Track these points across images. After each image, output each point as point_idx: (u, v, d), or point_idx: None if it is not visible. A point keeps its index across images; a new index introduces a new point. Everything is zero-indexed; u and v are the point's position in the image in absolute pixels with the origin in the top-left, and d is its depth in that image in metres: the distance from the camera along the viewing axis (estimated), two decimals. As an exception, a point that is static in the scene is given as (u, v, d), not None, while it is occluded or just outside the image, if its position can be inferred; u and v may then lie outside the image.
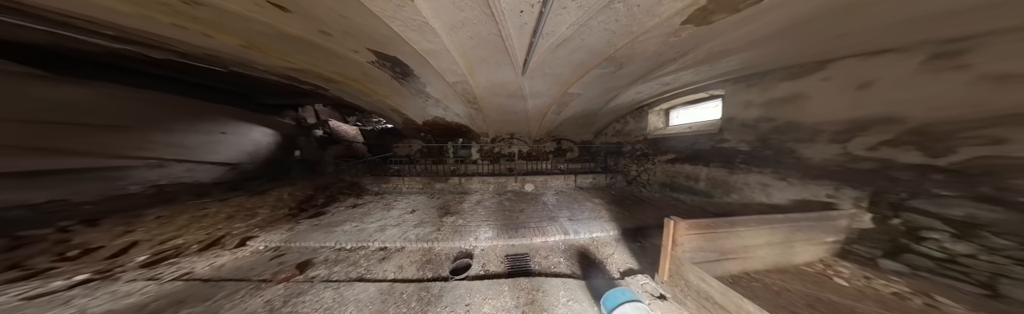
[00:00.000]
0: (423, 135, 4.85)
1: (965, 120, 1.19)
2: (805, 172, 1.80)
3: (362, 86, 3.03)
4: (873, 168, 1.49)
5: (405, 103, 3.64)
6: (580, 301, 1.23)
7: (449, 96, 3.27)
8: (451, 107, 3.64)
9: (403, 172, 3.98)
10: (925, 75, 1.31)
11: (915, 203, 1.31)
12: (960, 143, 1.22)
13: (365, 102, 3.77)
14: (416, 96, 3.36)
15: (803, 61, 1.81)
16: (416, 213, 2.63)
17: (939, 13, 1.08)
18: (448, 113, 4.08)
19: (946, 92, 1.23)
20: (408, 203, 3.02)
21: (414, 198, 3.28)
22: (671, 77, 2.51)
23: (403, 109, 3.82)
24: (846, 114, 1.62)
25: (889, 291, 1.22)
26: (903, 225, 1.34)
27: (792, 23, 1.36)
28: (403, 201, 3.12)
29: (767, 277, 1.36)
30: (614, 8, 1.33)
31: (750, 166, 2.15)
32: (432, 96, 3.44)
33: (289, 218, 2.46)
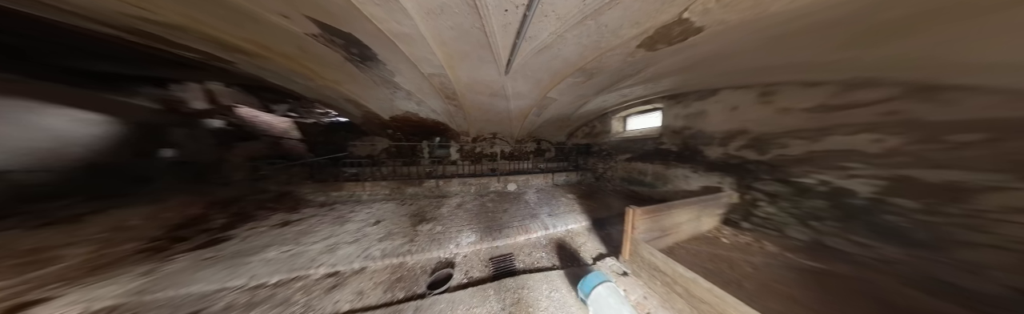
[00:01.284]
0: (391, 132, 4.04)
1: (773, 133, 2.25)
2: (707, 166, 2.63)
3: (298, 65, 2.26)
4: (738, 162, 2.44)
5: (366, 93, 2.98)
6: (560, 290, 1.31)
7: (424, 89, 2.86)
8: (427, 102, 3.21)
9: (363, 176, 3.26)
10: (758, 105, 2.38)
11: (755, 184, 2.27)
12: (771, 146, 2.23)
13: (304, 87, 2.84)
14: (381, 86, 2.79)
15: (706, 88, 2.71)
16: (382, 224, 2.22)
17: (761, 68, 1.99)
18: (422, 108, 3.52)
19: (765, 116, 2.29)
20: (371, 213, 2.51)
21: (379, 206, 2.72)
22: (628, 90, 3.01)
23: (362, 100, 3.11)
24: (726, 127, 2.60)
25: (745, 241, 1.95)
26: (750, 198, 2.19)
27: (697, 60, 2.07)
28: (363, 211, 2.56)
29: (688, 244, 1.90)
30: (587, 24, 1.50)
31: (678, 163, 2.90)
32: (402, 87, 2.89)
33: (147, 256, 1.55)
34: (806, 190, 1.92)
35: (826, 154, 1.83)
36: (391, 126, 3.94)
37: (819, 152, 1.87)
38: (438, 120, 3.89)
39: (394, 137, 4.17)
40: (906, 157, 1.49)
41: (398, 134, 4.14)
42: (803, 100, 1.96)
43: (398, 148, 4.27)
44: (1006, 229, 1.21)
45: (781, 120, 2.12)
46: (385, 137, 4.24)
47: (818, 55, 1.60)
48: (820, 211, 1.82)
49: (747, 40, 1.61)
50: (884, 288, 1.34)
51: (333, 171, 3.30)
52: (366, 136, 4.40)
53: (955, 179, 1.34)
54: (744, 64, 1.97)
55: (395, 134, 4.14)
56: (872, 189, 1.61)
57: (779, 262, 1.67)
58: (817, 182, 1.86)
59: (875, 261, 1.53)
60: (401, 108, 3.55)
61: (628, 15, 1.39)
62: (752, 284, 1.41)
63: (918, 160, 1.45)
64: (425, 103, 3.39)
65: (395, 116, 3.71)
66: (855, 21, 1.21)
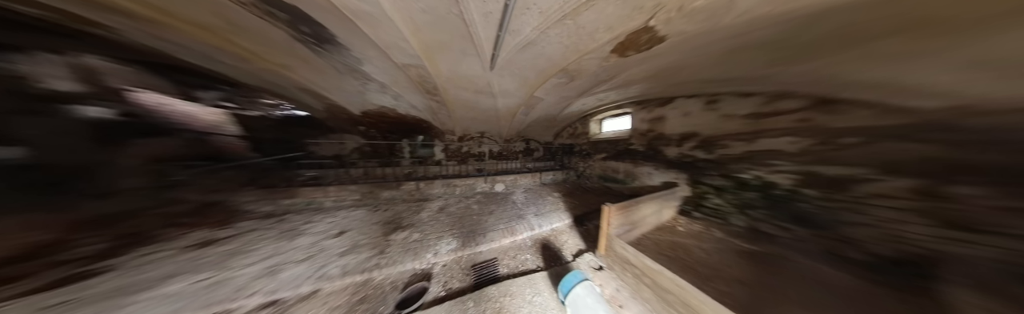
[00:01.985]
0: (363, 129, 3.49)
1: (717, 135, 2.53)
2: (666, 164, 2.91)
3: (224, 41, 1.71)
4: (690, 161, 2.79)
5: (328, 83, 2.50)
6: (542, 293, 1.24)
7: (400, 82, 2.57)
8: (405, 96, 2.92)
9: (328, 179, 2.70)
10: (705, 111, 2.65)
11: (703, 179, 2.55)
12: (716, 147, 2.52)
13: (240, 71, 2.21)
14: (348, 75, 2.38)
15: (664, 96, 3.05)
16: (346, 235, 1.86)
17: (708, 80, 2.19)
18: (401, 103, 3.10)
19: (711, 121, 2.56)
20: (333, 223, 2.09)
21: (346, 214, 2.28)
22: (603, 94, 3.08)
23: (324, 91, 2.63)
24: (680, 130, 2.95)
25: (697, 229, 2.16)
26: (700, 191, 2.47)
27: (659, 70, 2.20)
28: (324, 221, 2.11)
29: (652, 235, 2.00)
30: (566, 24, 1.45)
31: (643, 161, 3.16)
32: (374, 79, 2.48)
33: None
34: (743, 184, 2.24)
35: (758, 153, 2.13)
36: (364, 122, 3.39)
37: (753, 152, 2.19)
38: (420, 117, 3.48)
39: (368, 135, 3.60)
40: (812, 156, 1.81)
41: (373, 132, 3.58)
42: (740, 108, 2.28)
43: (373, 147, 3.71)
44: (872, 211, 1.54)
45: (723, 125, 2.42)
46: (357, 135, 3.63)
47: (751, 70, 1.82)
48: (754, 201, 2.14)
49: (699, 54, 1.74)
50: (799, 263, 1.60)
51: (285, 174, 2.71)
52: (333, 133, 3.73)
53: (842, 173, 1.67)
54: (695, 76, 2.16)
55: (369, 131, 3.58)
56: (790, 182, 1.92)
57: (725, 247, 1.86)
58: (752, 177, 2.17)
59: (793, 241, 1.80)
60: (375, 102, 3.06)
61: (602, 18, 1.38)
62: (705, 269, 1.53)
63: (820, 158, 1.77)
64: (403, 98, 2.98)
65: (368, 111, 3.19)
66: (780, 42, 1.38)
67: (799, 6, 1.03)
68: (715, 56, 1.72)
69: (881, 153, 1.53)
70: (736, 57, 1.69)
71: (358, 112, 3.16)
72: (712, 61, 1.82)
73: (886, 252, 1.48)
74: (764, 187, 2.09)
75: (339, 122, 3.46)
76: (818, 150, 1.79)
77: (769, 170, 2.06)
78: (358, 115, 3.20)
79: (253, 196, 2.22)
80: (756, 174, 2.14)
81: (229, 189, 2.21)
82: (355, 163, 3.36)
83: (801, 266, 1.57)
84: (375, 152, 3.69)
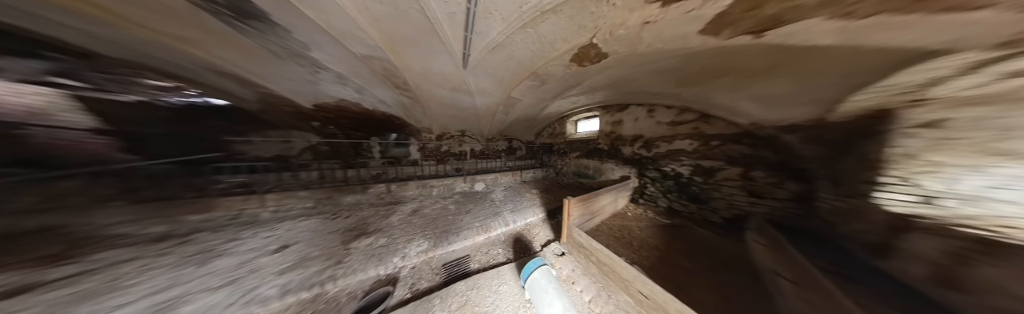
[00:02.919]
0: (318, 125, 3.18)
1: (654, 137, 3.55)
2: (623, 161, 3.92)
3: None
4: (638, 158, 3.79)
5: (263, 68, 2.27)
6: (508, 282, 1.45)
7: (362, 74, 2.46)
8: (371, 90, 2.80)
9: (264, 186, 2.41)
10: (647, 118, 3.63)
11: (645, 172, 3.57)
12: (653, 147, 3.54)
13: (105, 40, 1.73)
14: (291, 61, 2.20)
15: (622, 102, 3.92)
16: (291, 250, 1.73)
17: (648, 92, 3.09)
18: (366, 97, 2.95)
19: (651, 126, 3.55)
20: (271, 237, 1.89)
21: (290, 226, 2.10)
22: (575, 98, 3.75)
23: (257, 78, 2.37)
24: (632, 132, 3.91)
25: (639, 213, 3.07)
26: (643, 182, 3.52)
27: (615, 80, 2.90)
28: (258, 237, 1.88)
29: (609, 221, 2.75)
30: (528, 32, 1.76)
31: (608, 159, 4.12)
32: (329, 68, 2.34)
33: None
34: (665, 175, 3.31)
35: (673, 151, 3.25)
36: (318, 117, 3.06)
37: (671, 150, 3.28)
38: (390, 113, 3.33)
39: (324, 132, 3.27)
40: (699, 153, 2.96)
41: (331, 128, 3.27)
42: (665, 117, 3.32)
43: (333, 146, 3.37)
44: (723, 189, 2.70)
45: (657, 129, 3.45)
46: (310, 132, 3.26)
47: (669, 89, 2.72)
48: (671, 187, 3.23)
49: (639, 71, 2.48)
50: (691, 230, 2.57)
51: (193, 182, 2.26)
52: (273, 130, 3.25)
53: (712, 165, 2.82)
54: (641, 88, 2.98)
55: (326, 128, 3.25)
56: (688, 172, 3.06)
57: (652, 224, 2.74)
58: (670, 169, 3.27)
59: (689, 214, 2.96)
60: (332, 95, 2.83)
61: (558, 31, 1.73)
62: (637, 242, 2.26)
63: (702, 155, 2.94)
64: (368, 91, 2.85)
65: (323, 104, 2.91)
66: (679, 70, 2.22)
67: (676, 48, 1.72)
68: (648, 74, 2.50)
69: (727, 151, 2.69)
70: (659, 77, 2.51)
71: (309, 105, 2.86)
72: (647, 78, 2.60)
73: (727, 215, 2.66)
74: (676, 176, 3.17)
75: (282, 116, 3.03)
76: (701, 149, 2.94)
77: (678, 164, 3.16)
78: (310, 109, 2.90)
79: (128, 214, 1.73)
80: (672, 167, 3.22)
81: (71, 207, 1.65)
82: (307, 165, 3.02)
83: (690, 231, 2.54)
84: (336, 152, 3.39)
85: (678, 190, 3.07)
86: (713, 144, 2.77)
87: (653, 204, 3.28)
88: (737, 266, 1.73)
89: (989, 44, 0.82)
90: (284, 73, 2.34)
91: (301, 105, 2.79)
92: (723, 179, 2.69)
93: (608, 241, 2.15)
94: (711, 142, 2.79)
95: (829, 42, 1.13)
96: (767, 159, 2.36)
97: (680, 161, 3.10)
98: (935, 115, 1.26)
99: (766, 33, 1.20)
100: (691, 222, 2.72)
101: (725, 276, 1.61)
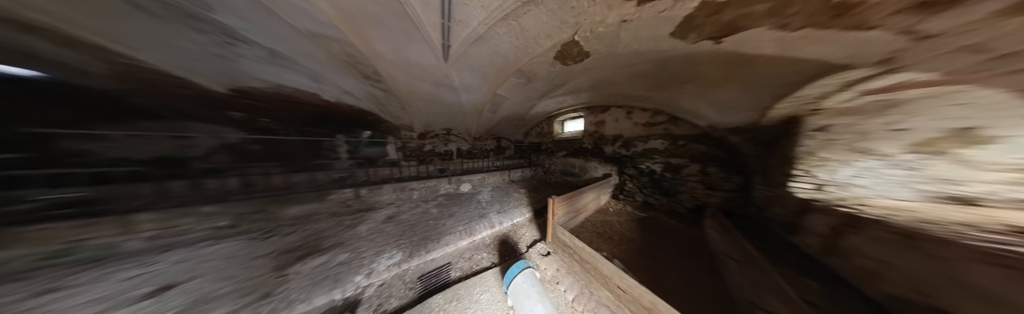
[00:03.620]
0: (241, 117, 2.52)
1: (632, 137, 4.00)
2: (605, 159, 4.37)
3: None
4: (618, 156, 4.21)
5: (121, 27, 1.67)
6: (491, 289, 1.43)
7: (317, 58, 2.14)
8: (332, 79, 2.43)
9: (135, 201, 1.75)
10: (626, 119, 4.08)
11: (625, 170, 4.02)
12: (632, 146, 3.98)
13: None
14: (176, 22, 1.71)
15: (604, 104, 4.27)
16: (176, 291, 1.28)
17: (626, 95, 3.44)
18: (326, 87, 2.52)
19: (629, 126, 3.97)
20: (146, 277, 1.37)
21: (184, 256, 1.57)
22: (561, 98, 4.01)
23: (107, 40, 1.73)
24: (613, 132, 4.31)
25: (619, 208, 3.49)
26: (623, 179, 3.98)
27: (597, 82, 3.14)
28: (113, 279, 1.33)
29: (593, 217, 3.04)
30: (511, 24, 1.77)
31: (592, 157, 4.56)
32: (255, 42, 1.90)
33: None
34: (642, 172, 3.76)
35: (648, 150, 3.71)
36: (239, 106, 2.42)
37: (646, 149, 3.73)
38: (360, 107, 2.97)
39: (254, 126, 2.62)
40: (669, 152, 3.47)
41: (266, 121, 2.66)
42: (642, 118, 3.74)
43: (270, 145, 2.69)
44: (688, 184, 3.24)
45: (635, 129, 3.87)
46: (228, 125, 2.53)
47: (644, 92, 3.08)
48: (646, 183, 3.69)
49: (618, 74, 2.71)
50: (663, 222, 2.98)
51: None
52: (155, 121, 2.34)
53: (678, 162, 3.35)
54: (620, 90, 3.29)
55: (255, 121, 2.62)
56: (660, 168, 3.57)
57: (631, 218, 3.08)
58: (645, 167, 3.72)
59: (661, 207, 3.44)
60: (266, 78, 2.29)
61: (540, 25, 1.77)
62: (617, 236, 2.51)
63: (672, 153, 3.44)
64: (329, 80, 2.44)
65: (247, 90, 2.31)
66: (653, 75, 2.52)
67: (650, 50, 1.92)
68: (627, 78, 2.76)
69: (690, 150, 3.21)
70: (636, 81, 2.80)
71: (222, 89, 2.23)
72: (626, 81, 2.87)
73: (690, 206, 3.18)
74: (650, 173, 3.64)
75: (172, 101, 2.24)
76: (671, 148, 3.43)
77: (652, 162, 3.63)
78: (223, 94, 2.25)
79: None
80: (648, 165, 3.68)
81: None
82: (221, 170, 2.36)
83: (662, 222, 2.95)
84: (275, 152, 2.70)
85: (652, 185, 3.54)
86: (680, 143, 3.28)
87: (631, 199, 3.71)
88: (698, 251, 2.07)
89: (872, 61, 1.16)
90: (164, 38, 1.77)
91: (206, 88, 2.16)
92: (687, 175, 3.21)
93: (591, 237, 2.32)
94: (678, 142, 3.29)
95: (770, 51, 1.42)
96: (719, 157, 2.92)
97: (653, 159, 3.57)
98: (824, 121, 1.76)
99: (724, 39, 1.46)
100: (663, 214, 3.15)
101: (689, 261, 1.91)
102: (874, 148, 1.50)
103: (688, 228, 2.65)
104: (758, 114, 2.16)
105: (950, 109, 1.25)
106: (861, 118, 1.55)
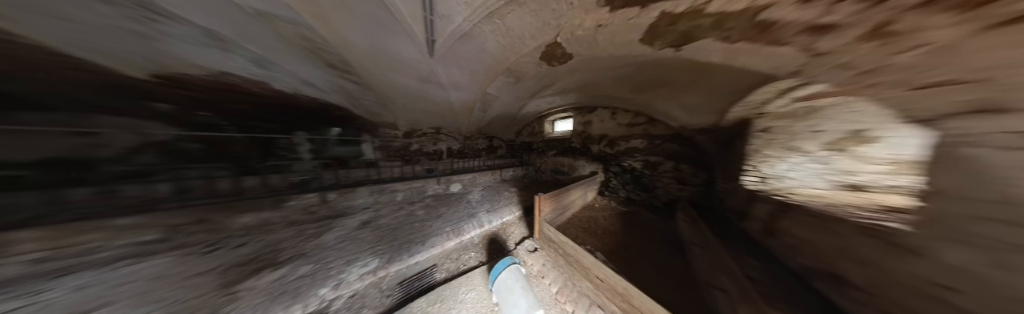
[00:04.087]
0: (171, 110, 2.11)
1: (616, 137, 4.37)
2: (592, 158, 4.70)
3: None
4: (604, 155, 4.57)
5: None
6: (477, 288, 1.46)
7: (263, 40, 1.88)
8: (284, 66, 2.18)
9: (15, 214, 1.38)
10: (611, 119, 4.40)
11: (610, 168, 4.39)
12: (616, 145, 4.34)
13: None
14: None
15: (590, 105, 4.58)
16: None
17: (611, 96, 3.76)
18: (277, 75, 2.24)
19: (614, 126, 4.35)
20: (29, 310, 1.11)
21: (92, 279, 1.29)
22: (550, 98, 4.26)
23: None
24: (599, 132, 4.65)
25: (604, 204, 3.78)
26: (608, 177, 4.30)
27: (584, 83, 3.38)
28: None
29: (579, 214, 3.27)
30: (495, 23, 1.83)
31: (580, 156, 4.92)
32: (184, 19, 1.59)
33: None
34: (625, 169, 4.10)
35: (630, 149, 4.06)
36: (168, 97, 2.06)
37: (628, 148, 4.08)
38: (326, 101, 2.70)
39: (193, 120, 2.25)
40: (647, 150, 3.86)
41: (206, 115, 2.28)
42: (625, 119, 4.09)
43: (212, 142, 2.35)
44: (663, 179, 3.66)
45: (619, 129, 4.21)
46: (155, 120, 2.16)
47: (625, 94, 3.37)
48: (628, 180, 4.03)
49: (601, 76, 2.93)
50: (642, 215, 3.30)
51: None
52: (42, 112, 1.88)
53: (656, 160, 3.76)
54: (605, 92, 3.57)
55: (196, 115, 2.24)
56: (640, 166, 3.94)
57: (614, 213, 3.36)
58: (628, 165, 4.07)
59: (641, 202, 3.79)
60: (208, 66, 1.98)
61: (524, 25, 1.86)
62: (601, 230, 2.74)
63: (650, 152, 3.83)
64: (280, 67, 2.19)
65: (183, 77, 1.97)
66: (632, 79, 2.79)
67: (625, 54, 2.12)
68: (610, 80, 3.00)
69: (665, 149, 3.60)
70: (618, 84, 3.06)
71: (143, 75, 1.85)
72: (609, 84, 3.12)
73: (665, 200, 3.60)
74: (632, 170, 4.00)
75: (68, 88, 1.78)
76: (649, 147, 3.81)
77: (634, 160, 4.00)
78: (146, 81, 1.88)
79: None
80: (630, 162, 4.04)
81: None
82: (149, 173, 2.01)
83: (641, 216, 3.26)
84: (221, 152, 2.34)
85: (633, 182, 3.90)
86: (657, 143, 3.66)
87: (616, 195, 4.04)
88: (671, 241, 2.35)
89: (787, 72, 1.45)
90: (52, 7, 1.40)
91: (118, 73, 1.77)
92: (663, 171, 3.62)
93: (577, 232, 2.50)
94: (656, 141, 3.68)
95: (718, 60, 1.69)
96: (690, 155, 3.34)
97: (635, 157, 3.94)
98: (767, 124, 2.16)
99: (683, 48, 1.70)
100: (642, 208, 3.48)
101: (662, 250, 2.17)
102: (801, 146, 1.90)
103: (663, 220, 2.97)
104: (718, 117, 2.54)
105: (849, 115, 1.66)
106: (792, 121, 1.95)
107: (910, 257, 0.93)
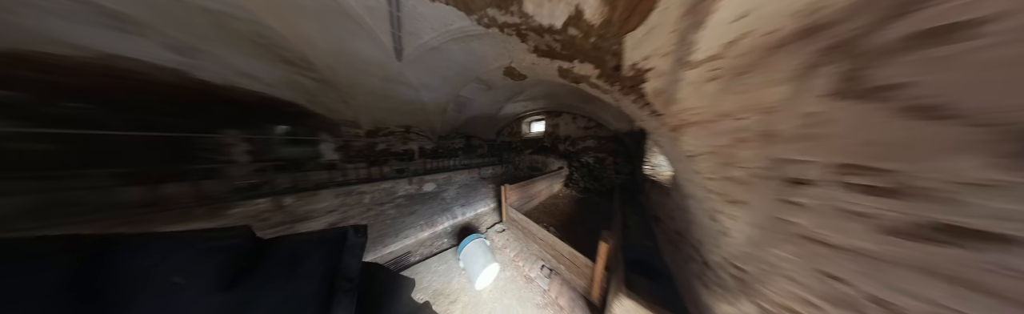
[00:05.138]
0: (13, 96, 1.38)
1: (576, 137, 5.74)
2: (559, 155, 6.03)
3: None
4: (568, 153, 5.91)
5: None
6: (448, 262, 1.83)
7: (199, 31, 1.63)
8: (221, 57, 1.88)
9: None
10: (573, 123, 5.79)
11: (573, 163, 5.75)
12: (576, 144, 5.66)
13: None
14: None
15: (557, 110, 5.87)
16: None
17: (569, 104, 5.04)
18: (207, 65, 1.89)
19: (575, 129, 5.73)
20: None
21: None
22: (524, 103, 5.41)
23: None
24: (565, 133, 6.01)
25: (567, 193, 5.16)
26: (570, 171, 5.61)
27: (546, 94, 4.56)
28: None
29: (545, 202, 4.51)
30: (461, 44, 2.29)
31: (550, 154, 6.18)
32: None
33: None
34: (582, 164, 5.40)
35: (586, 148, 5.41)
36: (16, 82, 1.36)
37: (585, 147, 5.42)
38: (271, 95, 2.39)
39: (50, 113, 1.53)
40: (597, 148, 5.26)
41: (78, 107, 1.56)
42: (582, 123, 5.43)
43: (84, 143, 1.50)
44: (607, 171, 5.03)
45: (578, 131, 5.54)
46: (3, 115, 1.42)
47: (578, 103, 4.61)
48: (586, 174, 5.33)
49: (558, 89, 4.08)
50: (592, 199, 4.64)
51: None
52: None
53: (602, 156, 5.22)
54: (564, 101, 4.75)
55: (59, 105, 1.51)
56: (593, 161, 5.31)
57: (572, 200, 4.62)
58: (585, 160, 5.40)
59: (593, 190, 5.14)
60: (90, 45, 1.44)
61: (487, 50, 2.41)
62: (559, 212, 3.92)
63: (599, 149, 5.24)
64: (215, 57, 1.85)
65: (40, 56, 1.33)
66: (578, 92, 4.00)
67: (559, 82, 3.18)
68: (566, 92, 4.09)
69: (608, 147, 4.99)
70: (571, 95, 4.23)
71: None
72: (566, 94, 4.24)
73: (608, 187, 4.99)
74: (587, 165, 5.31)
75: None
76: (598, 146, 5.18)
77: (588, 156, 5.32)
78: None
79: None
80: (586, 158, 5.34)
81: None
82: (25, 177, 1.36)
83: (591, 199, 4.58)
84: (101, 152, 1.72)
85: (588, 174, 5.18)
86: (603, 142, 4.97)
87: (577, 186, 5.30)
88: (608, 217, 3.51)
89: None
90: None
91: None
92: (607, 165, 4.94)
93: (540, 215, 3.61)
94: (602, 141, 4.99)
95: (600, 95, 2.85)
96: (622, 151, 4.70)
97: (589, 154, 5.23)
98: None
99: (580, 85, 2.73)
100: (593, 194, 4.80)
101: (601, 224, 3.27)
102: (666, 145, 3.22)
103: (605, 202, 4.24)
104: (631, 125, 3.89)
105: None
106: (665, 128, 3.27)
107: (665, 199, 2.17)
